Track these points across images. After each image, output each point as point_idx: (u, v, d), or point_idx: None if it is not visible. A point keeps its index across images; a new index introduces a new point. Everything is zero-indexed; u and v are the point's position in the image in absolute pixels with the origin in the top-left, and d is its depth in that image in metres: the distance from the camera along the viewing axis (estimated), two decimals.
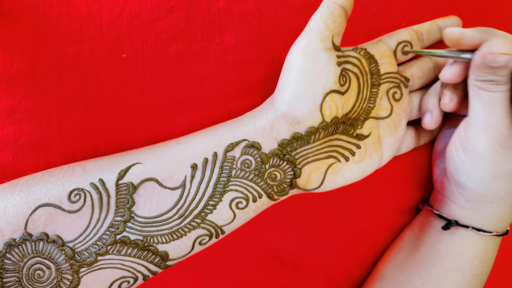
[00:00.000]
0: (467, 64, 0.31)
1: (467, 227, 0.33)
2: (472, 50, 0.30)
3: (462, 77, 0.31)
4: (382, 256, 0.39)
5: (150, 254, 0.28)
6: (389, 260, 0.37)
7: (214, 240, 0.29)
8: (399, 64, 0.35)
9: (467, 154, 0.31)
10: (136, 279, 0.28)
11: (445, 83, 0.33)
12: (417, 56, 0.35)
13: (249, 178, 0.29)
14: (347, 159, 0.31)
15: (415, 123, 0.37)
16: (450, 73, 0.31)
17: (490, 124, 0.30)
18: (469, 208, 0.33)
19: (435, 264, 0.34)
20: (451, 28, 0.30)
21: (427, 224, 0.36)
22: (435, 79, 0.36)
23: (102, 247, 0.27)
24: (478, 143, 0.30)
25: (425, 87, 0.36)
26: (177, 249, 0.28)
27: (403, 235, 0.38)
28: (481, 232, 0.33)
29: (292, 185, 0.30)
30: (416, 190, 0.38)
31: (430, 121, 0.34)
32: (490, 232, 0.33)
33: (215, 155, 0.28)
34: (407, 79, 0.34)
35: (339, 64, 0.30)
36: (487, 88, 0.29)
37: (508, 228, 0.34)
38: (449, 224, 0.33)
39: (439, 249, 0.34)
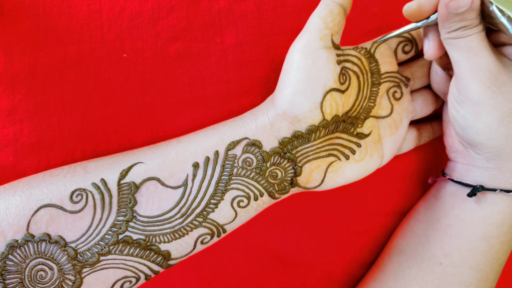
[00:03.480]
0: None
1: (494, 190, 0.31)
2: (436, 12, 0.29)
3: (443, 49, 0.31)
4: (395, 231, 0.37)
5: (152, 253, 0.28)
6: (405, 234, 0.36)
7: (215, 239, 0.29)
8: (399, 64, 0.35)
9: (466, 107, 0.29)
10: (138, 279, 0.28)
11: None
12: (417, 56, 0.35)
13: (251, 176, 0.29)
14: (347, 157, 0.31)
15: (416, 123, 0.37)
16: (430, 48, 0.31)
17: (476, 67, 0.28)
18: (493, 167, 0.31)
19: (458, 235, 0.32)
20: (407, 4, 0.29)
21: (446, 194, 0.34)
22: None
23: (104, 247, 0.27)
24: (472, 91, 0.28)
25: (427, 86, 0.36)
26: (179, 248, 0.28)
27: (417, 208, 0.37)
28: (511, 194, 0.30)
29: (292, 183, 0.30)
30: (417, 190, 0.38)
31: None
32: None
33: (216, 153, 0.29)
34: (408, 79, 0.34)
35: (339, 62, 0.30)
36: (462, 35, 0.28)
37: None
38: (475, 189, 0.31)
39: (463, 219, 0.32)
